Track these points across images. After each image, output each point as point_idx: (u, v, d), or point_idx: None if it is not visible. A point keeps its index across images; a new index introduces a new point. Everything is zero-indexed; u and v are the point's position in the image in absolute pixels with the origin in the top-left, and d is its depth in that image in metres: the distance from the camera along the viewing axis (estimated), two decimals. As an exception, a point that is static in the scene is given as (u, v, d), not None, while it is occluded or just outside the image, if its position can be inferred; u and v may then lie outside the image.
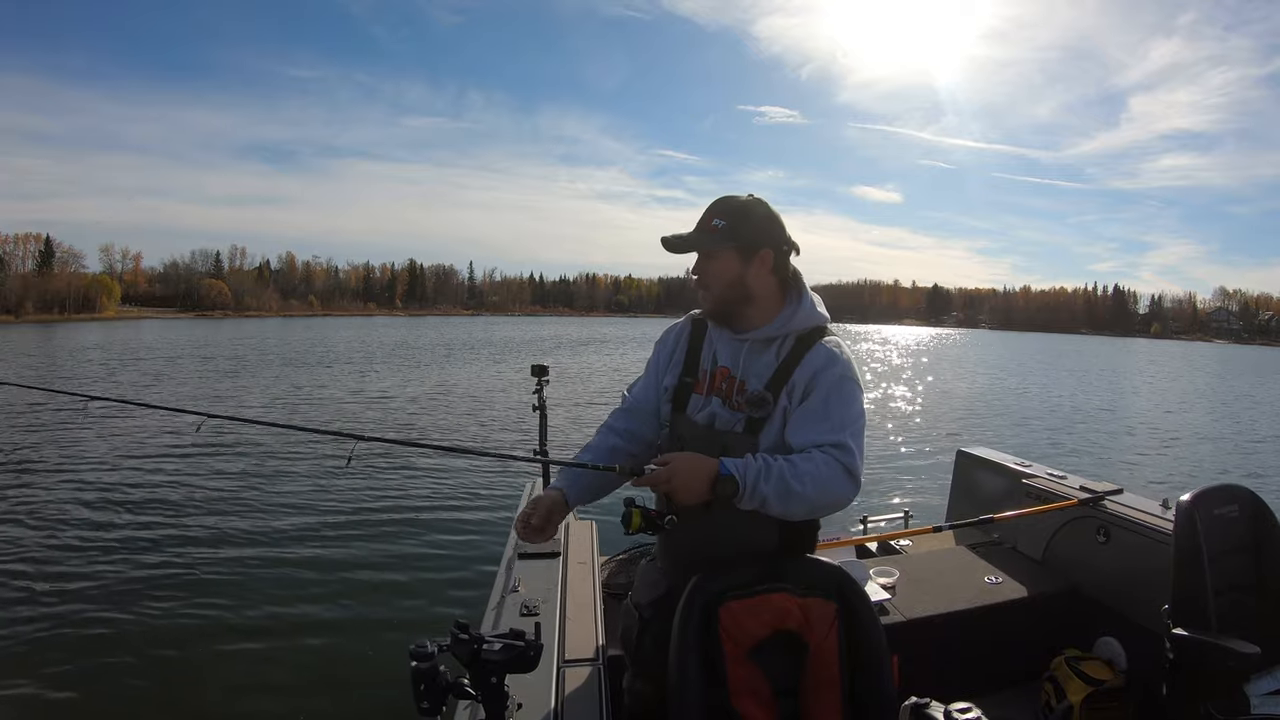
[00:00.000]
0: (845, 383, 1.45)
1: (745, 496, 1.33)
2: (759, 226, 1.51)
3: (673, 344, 1.66)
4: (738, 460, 1.36)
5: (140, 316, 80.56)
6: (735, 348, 1.54)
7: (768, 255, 1.51)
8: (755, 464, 1.35)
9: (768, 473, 1.33)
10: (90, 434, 10.46)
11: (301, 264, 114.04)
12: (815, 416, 1.42)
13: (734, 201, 1.53)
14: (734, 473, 1.33)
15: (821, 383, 1.44)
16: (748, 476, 1.33)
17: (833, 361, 1.46)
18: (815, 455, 1.36)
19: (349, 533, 6.14)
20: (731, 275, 1.51)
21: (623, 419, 1.66)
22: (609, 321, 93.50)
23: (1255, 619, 1.92)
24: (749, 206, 1.52)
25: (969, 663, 2.27)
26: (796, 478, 1.33)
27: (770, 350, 1.52)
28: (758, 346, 1.53)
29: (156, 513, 6.71)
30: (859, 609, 1.43)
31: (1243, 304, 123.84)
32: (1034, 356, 43.79)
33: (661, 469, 1.35)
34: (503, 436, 10.91)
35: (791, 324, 1.51)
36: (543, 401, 2.72)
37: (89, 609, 4.53)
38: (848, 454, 1.37)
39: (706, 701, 1.34)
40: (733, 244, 1.49)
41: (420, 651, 1.17)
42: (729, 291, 1.52)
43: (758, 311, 1.53)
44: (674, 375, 1.61)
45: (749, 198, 1.54)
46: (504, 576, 2.01)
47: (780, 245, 1.52)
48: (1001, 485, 3.01)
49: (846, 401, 1.43)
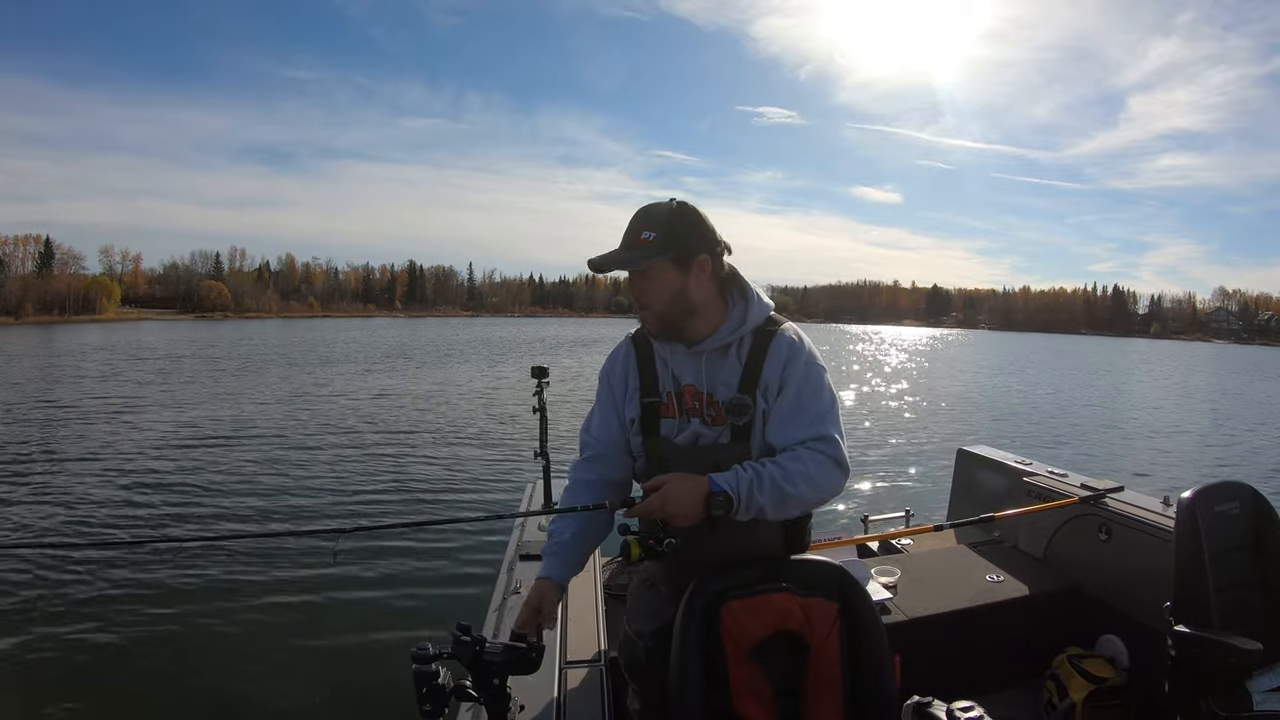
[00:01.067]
0: (812, 369, 1.44)
1: (741, 509, 1.32)
2: (691, 232, 1.43)
3: (622, 372, 1.56)
4: (728, 474, 1.33)
5: (140, 318, 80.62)
6: (694, 362, 1.48)
7: (705, 261, 1.44)
8: (746, 475, 1.33)
9: (760, 482, 1.32)
10: (90, 433, 10.47)
11: (301, 265, 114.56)
12: (792, 412, 1.41)
13: (660, 209, 1.44)
14: (726, 488, 1.31)
15: (791, 376, 1.42)
16: (740, 490, 1.31)
17: (796, 351, 1.44)
18: (802, 453, 1.36)
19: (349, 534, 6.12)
20: (673, 289, 1.43)
21: (590, 470, 1.56)
22: (609, 322, 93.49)
23: (1257, 616, 1.92)
24: (678, 213, 1.43)
25: (971, 661, 2.27)
26: (788, 480, 1.33)
27: (729, 355, 1.47)
28: (715, 355, 1.47)
29: (156, 512, 6.72)
30: (860, 608, 1.42)
31: (1242, 304, 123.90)
32: (1034, 356, 43.80)
33: (653, 497, 1.33)
34: (503, 437, 10.91)
35: (745, 325, 1.47)
36: (543, 403, 2.72)
37: (86, 609, 4.53)
38: (832, 445, 1.37)
39: (707, 702, 1.34)
40: (669, 255, 1.41)
41: (422, 654, 1.18)
42: (672, 306, 1.43)
43: (703, 320, 1.46)
44: (634, 403, 1.52)
45: (674, 203, 1.45)
46: (505, 578, 2.01)
47: (714, 248, 1.45)
48: (1002, 484, 3.00)
49: (816, 389, 1.42)
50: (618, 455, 1.55)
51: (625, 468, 1.56)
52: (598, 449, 1.56)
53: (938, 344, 59.13)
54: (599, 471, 1.56)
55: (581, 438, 1.60)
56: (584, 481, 1.56)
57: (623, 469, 1.56)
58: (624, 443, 1.55)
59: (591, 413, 1.61)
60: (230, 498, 7.26)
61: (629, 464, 1.56)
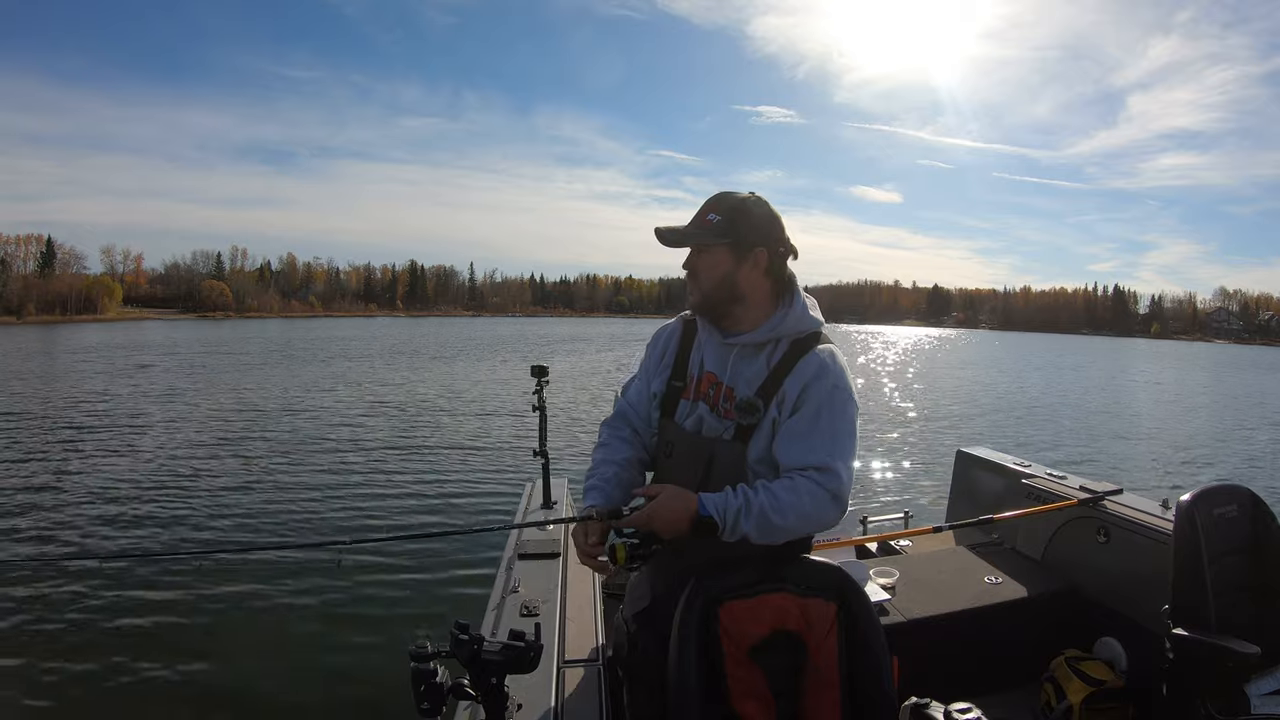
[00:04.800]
0: (837, 394, 1.41)
1: (725, 534, 1.34)
2: (755, 225, 1.47)
3: (663, 346, 1.62)
4: (717, 497, 1.35)
5: (142, 317, 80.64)
6: (723, 352, 1.50)
7: (762, 255, 1.46)
8: (736, 501, 1.33)
9: (748, 510, 1.33)
10: (92, 432, 10.48)
11: (302, 265, 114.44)
12: (804, 434, 1.39)
13: (732, 198, 1.49)
14: (713, 513, 1.33)
15: (812, 396, 1.40)
16: (728, 516, 1.33)
17: (824, 372, 1.42)
18: (799, 483, 1.35)
19: (349, 533, 6.14)
20: (722, 272, 1.47)
21: (622, 427, 1.61)
22: (609, 322, 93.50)
23: (1255, 619, 1.92)
24: (747, 204, 1.48)
25: (969, 663, 2.26)
26: (778, 510, 1.33)
27: (760, 356, 1.48)
28: (747, 352, 1.48)
29: (155, 510, 6.73)
30: (859, 609, 1.42)
31: (1243, 304, 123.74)
32: (1034, 357, 43.76)
33: (640, 514, 1.35)
34: (502, 436, 10.92)
35: (782, 328, 1.47)
36: (542, 402, 2.72)
37: (86, 609, 4.53)
38: (834, 479, 1.35)
39: (706, 702, 1.34)
40: (726, 241, 1.45)
41: (420, 652, 1.18)
42: (718, 290, 1.48)
43: (747, 313, 1.49)
44: (661, 380, 1.58)
45: (749, 195, 1.49)
46: (504, 577, 2.01)
47: (776, 247, 1.48)
48: (1001, 485, 3.01)
49: (837, 416, 1.40)
50: (648, 419, 1.61)
51: (652, 432, 1.61)
52: (629, 411, 1.63)
53: (938, 344, 59.09)
54: (632, 428, 1.62)
55: (618, 401, 1.67)
56: (619, 437, 1.61)
57: (651, 433, 1.61)
58: (650, 411, 1.60)
59: (632, 378, 1.67)
60: (231, 496, 7.27)
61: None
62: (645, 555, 1.38)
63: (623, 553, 1.37)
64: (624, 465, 1.55)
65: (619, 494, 1.52)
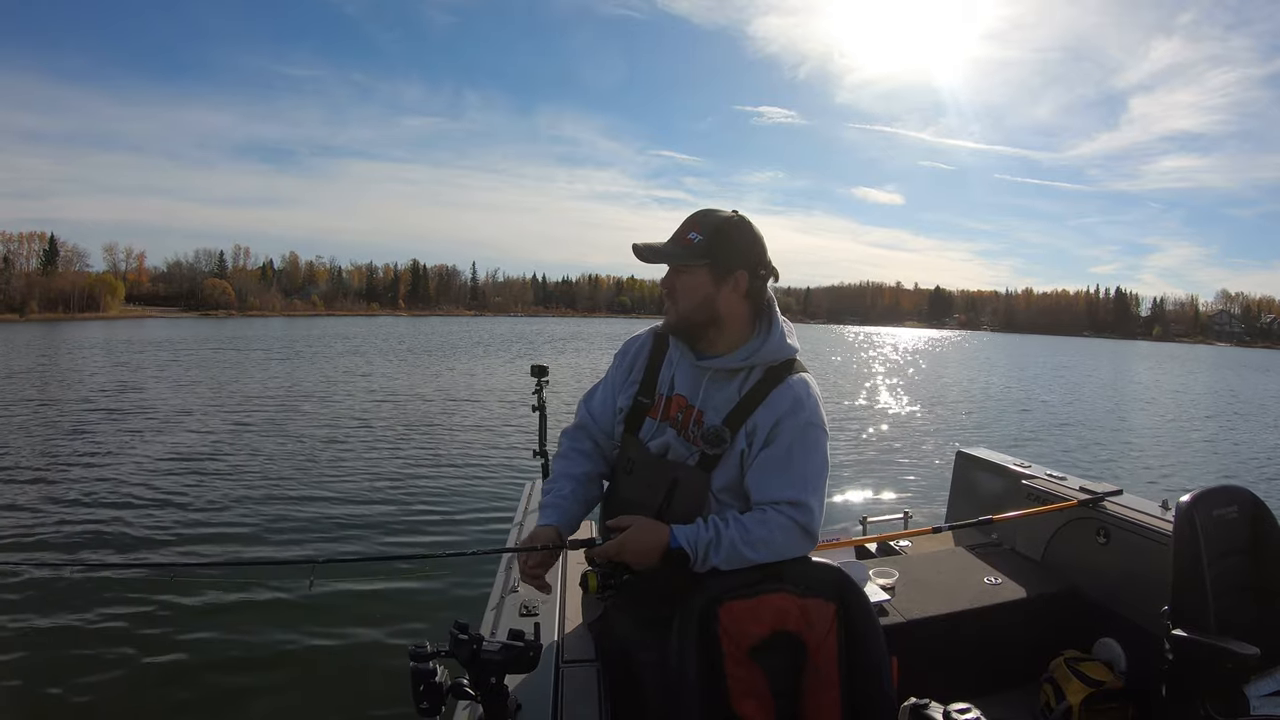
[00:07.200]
0: (810, 430, 1.40)
1: (696, 566, 1.36)
2: (737, 247, 1.43)
3: (631, 359, 1.58)
4: (689, 529, 1.36)
5: (144, 315, 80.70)
6: (695, 375, 1.47)
7: (742, 278, 1.43)
8: (706, 534, 1.35)
9: (718, 544, 1.35)
10: (91, 431, 10.50)
11: (305, 264, 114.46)
12: (777, 468, 1.39)
13: (714, 216, 1.44)
14: (684, 546, 1.34)
15: (785, 430, 1.39)
16: (698, 550, 1.35)
17: (799, 406, 1.40)
18: (771, 516, 1.37)
19: (348, 532, 6.15)
20: (701, 295, 1.43)
21: (584, 439, 1.60)
22: (609, 322, 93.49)
23: (1255, 620, 1.92)
24: (730, 224, 1.43)
25: (968, 664, 2.26)
26: (749, 544, 1.35)
27: (733, 382, 1.45)
28: (720, 377, 1.45)
29: (154, 508, 6.73)
30: (858, 610, 1.42)
31: (1245, 307, 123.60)
32: (1035, 358, 43.71)
33: (611, 544, 1.37)
34: (502, 436, 10.92)
35: (758, 356, 1.44)
36: (542, 402, 2.73)
37: (83, 610, 4.53)
38: (806, 513, 1.37)
39: (706, 702, 1.34)
40: (706, 261, 1.41)
41: (419, 652, 1.18)
42: (697, 312, 1.44)
43: (722, 336, 1.46)
44: (628, 396, 1.54)
45: (732, 214, 1.45)
46: (503, 577, 2.01)
47: (757, 269, 1.44)
48: (1001, 486, 3.00)
49: (809, 451, 1.40)
50: (610, 432, 1.59)
51: (613, 445, 1.59)
52: (591, 424, 1.60)
53: (939, 346, 59.05)
54: (593, 440, 1.60)
55: (580, 409, 1.63)
56: (579, 450, 1.59)
57: (612, 445, 1.59)
58: (613, 424, 1.58)
59: (597, 386, 1.64)
60: (231, 497, 7.27)
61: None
62: (616, 585, 1.39)
63: (594, 581, 1.39)
64: (581, 481, 1.55)
65: (577, 510, 1.53)
